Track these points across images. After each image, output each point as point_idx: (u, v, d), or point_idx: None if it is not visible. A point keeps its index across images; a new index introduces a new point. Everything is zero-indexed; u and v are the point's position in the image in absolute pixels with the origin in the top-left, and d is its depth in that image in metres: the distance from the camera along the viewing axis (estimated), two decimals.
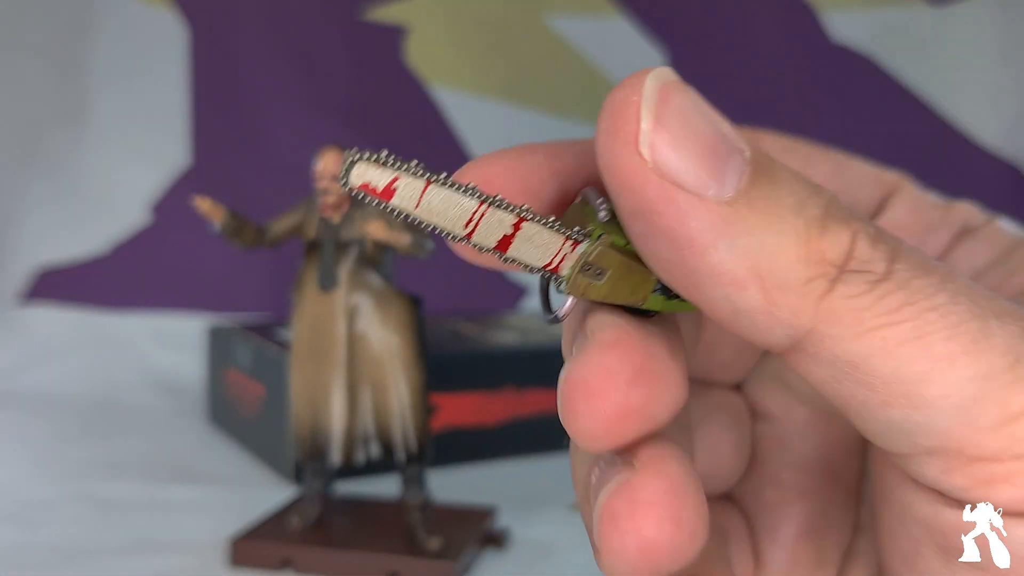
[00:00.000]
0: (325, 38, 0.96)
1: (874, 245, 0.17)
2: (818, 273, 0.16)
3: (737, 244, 0.16)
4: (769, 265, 0.16)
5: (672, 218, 0.16)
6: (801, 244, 0.16)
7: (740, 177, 0.17)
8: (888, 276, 0.16)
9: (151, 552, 0.50)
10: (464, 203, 0.18)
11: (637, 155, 0.16)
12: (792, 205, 0.17)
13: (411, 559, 0.47)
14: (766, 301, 0.16)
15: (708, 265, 0.16)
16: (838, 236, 0.17)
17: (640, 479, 0.17)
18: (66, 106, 0.92)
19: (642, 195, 0.17)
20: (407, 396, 0.49)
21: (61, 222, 0.91)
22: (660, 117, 0.17)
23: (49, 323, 0.89)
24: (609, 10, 0.99)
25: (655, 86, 0.17)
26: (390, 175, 0.17)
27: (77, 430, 0.71)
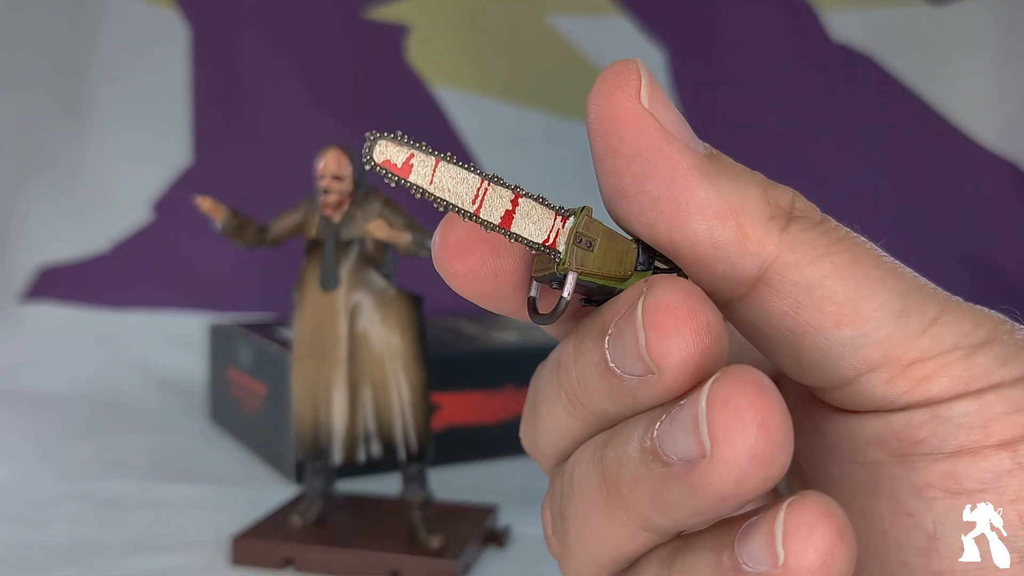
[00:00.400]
0: (326, 37, 0.96)
1: (807, 202, 0.21)
2: (777, 213, 0.20)
3: (718, 183, 0.20)
4: (742, 203, 0.20)
5: (669, 156, 0.20)
6: (762, 192, 0.20)
7: (707, 146, 0.20)
8: (823, 221, 0.20)
9: (152, 551, 0.50)
10: (469, 179, 0.20)
11: (639, 103, 0.20)
12: (746, 168, 0.21)
13: (412, 557, 0.47)
14: (740, 234, 0.19)
15: (696, 199, 0.19)
16: (783, 191, 0.20)
17: (741, 377, 0.18)
18: (68, 105, 0.92)
19: (645, 135, 0.19)
20: (408, 395, 0.49)
21: (63, 220, 0.91)
22: (652, 84, 0.20)
23: (50, 322, 0.89)
24: (610, 9, 0.99)
25: (641, 68, 0.20)
26: (407, 152, 0.19)
27: (78, 429, 0.71)
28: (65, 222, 0.92)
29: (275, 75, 0.95)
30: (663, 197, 0.20)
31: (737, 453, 0.17)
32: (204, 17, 0.94)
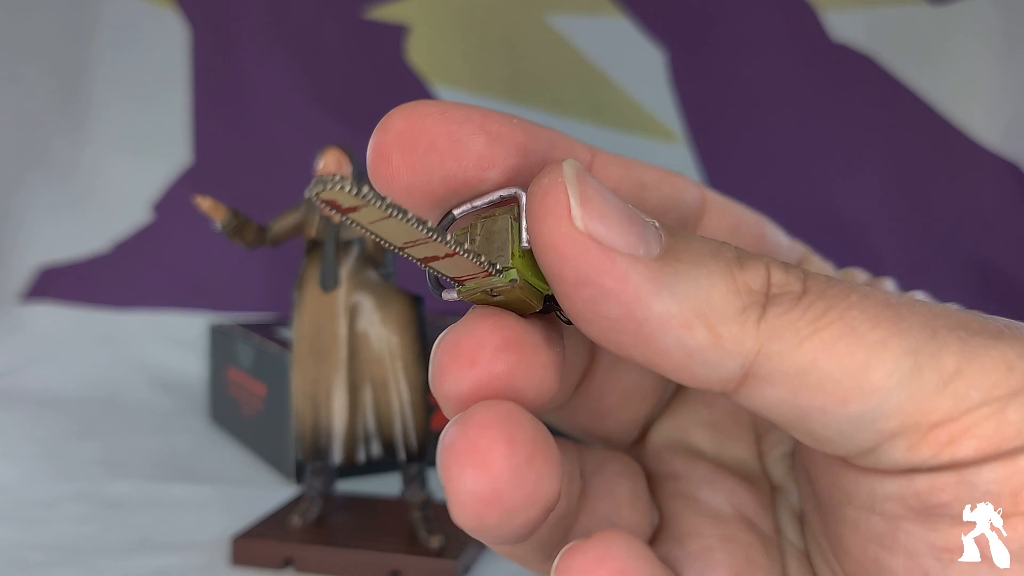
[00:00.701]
0: (326, 37, 0.96)
1: (785, 271, 0.19)
2: (750, 302, 0.18)
3: (677, 290, 0.18)
4: (708, 304, 0.18)
5: (616, 276, 0.18)
6: (728, 280, 0.18)
7: (660, 239, 0.19)
8: (806, 292, 0.18)
9: (152, 551, 0.50)
10: (413, 231, 0.19)
11: (573, 228, 0.18)
12: (709, 252, 0.19)
13: (412, 558, 0.47)
14: (713, 336, 0.18)
15: (656, 314, 0.18)
16: (755, 269, 0.19)
17: (468, 421, 0.19)
18: (67, 104, 0.92)
19: (585, 261, 0.18)
20: (408, 395, 0.49)
21: (62, 220, 0.91)
22: (584, 195, 0.18)
23: (50, 321, 0.89)
24: (610, 9, 0.99)
25: (573, 171, 0.19)
26: (357, 203, 0.18)
27: (78, 429, 0.71)
28: (64, 222, 0.91)
29: (275, 75, 0.95)
30: (621, 318, 0.18)
31: (461, 495, 0.18)
32: (204, 16, 0.94)
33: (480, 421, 0.18)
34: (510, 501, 0.18)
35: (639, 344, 0.18)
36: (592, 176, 0.19)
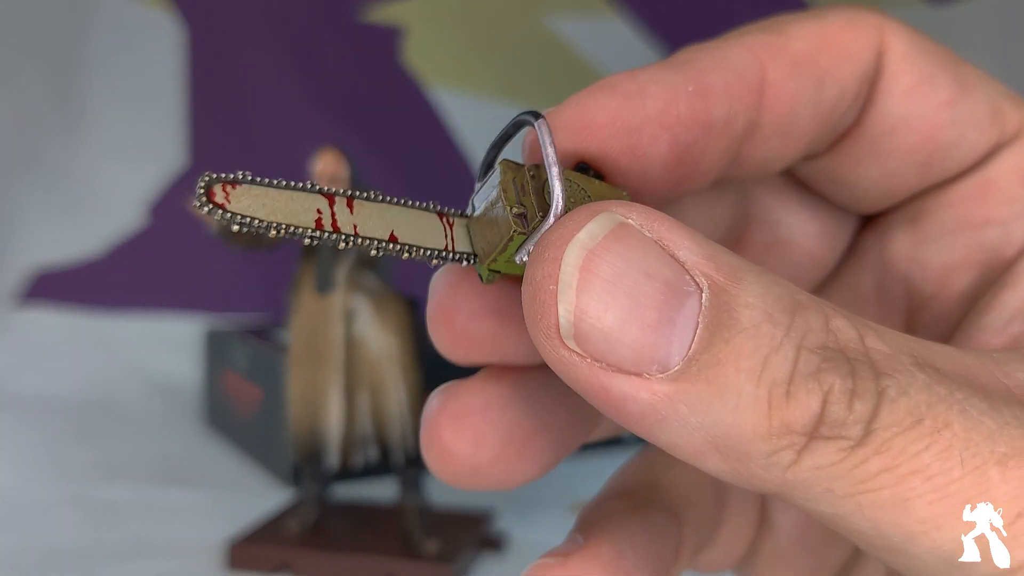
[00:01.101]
0: (323, 39, 0.96)
1: (851, 404, 0.15)
2: (782, 446, 0.15)
3: (688, 423, 0.15)
4: (727, 441, 0.15)
5: (613, 404, 0.15)
6: (761, 419, 0.15)
7: (690, 339, 0.15)
8: (864, 440, 0.15)
9: (148, 555, 0.49)
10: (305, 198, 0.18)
11: (561, 347, 0.15)
12: (750, 368, 0.15)
13: (409, 562, 0.47)
14: (730, 468, 0.15)
15: (661, 440, 0.15)
16: (806, 403, 0.15)
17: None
18: (63, 107, 0.92)
19: (577, 385, 0.15)
20: (405, 399, 0.49)
21: (58, 223, 0.91)
22: (582, 301, 0.15)
23: (45, 325, 0.88)
24: (607, 11, 0.99)
25: (577, 261, 0.15)
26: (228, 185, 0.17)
27: (73, 433, 0.71)
28: (59, 225, 0.91)
29: (270, 76, 0.95)
30: (637, 430, 0.16)
31: (432, 470, 0.19)
32: (200, 18, 0.94)
33: (453, 411, 0.18)
34: (475, 485, 0.18)
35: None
36: (621, 245, 0.15)
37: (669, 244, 0.15)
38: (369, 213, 0.18)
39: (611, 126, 0.18)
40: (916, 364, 0.15)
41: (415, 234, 0.18)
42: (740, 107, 0.19)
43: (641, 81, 0.18)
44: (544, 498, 0.60)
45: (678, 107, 0.18)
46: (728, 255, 0.16)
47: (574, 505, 0.58)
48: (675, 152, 0.18)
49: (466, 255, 0.18)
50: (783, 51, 0.20)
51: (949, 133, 0.21)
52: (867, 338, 0.15)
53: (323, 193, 0.18)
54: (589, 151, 0.18)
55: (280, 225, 0.17)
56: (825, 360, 0.15)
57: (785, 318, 0.15)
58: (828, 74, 0.20)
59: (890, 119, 0.21)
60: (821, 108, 0.20)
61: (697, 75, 0.19)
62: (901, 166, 0.21)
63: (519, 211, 0.17)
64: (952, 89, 0.21)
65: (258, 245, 0.50)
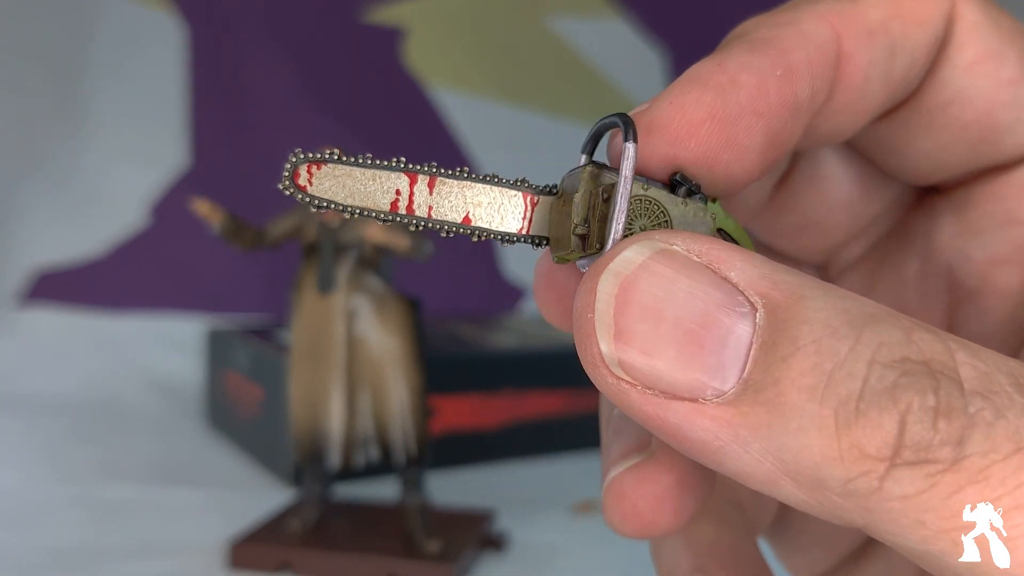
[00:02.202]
0: (324, 39, 0.96)
1: (935, 423, 0.13)
2: (859, 471, 0.13)
3: (753, 449, 0.14)
4: (796, 466, 0.14)
5: (672, 433, 0.15)
6: (829, 440, 0.13)
7: (744, 360, 0.14)
8: (957, 465, 0.13)
9: (149, 555, 0.50)
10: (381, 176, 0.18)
11: (609, 375, 0.15)
12: (812, 386, 0.14)
13: (410, 562, 0.47)
14: (809, 497, 0.14)
15: (730, 470, 0.15)
16: (880, 422, 0.13)
17: (652, 467, 0.18)
18: (64, 107, 0.92)
19: (633, 413, 0.15)
20: (406, 399, 0.49)
21: (60, 223, 0.91)
22: (622, 328, 0.15)
23: (47, 325, 0.88)
24: (608, 11, 0.99)
25: (611, 289, 0.15)
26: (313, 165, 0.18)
27: (75, 432, 0.71)
28: (62, 225, 0.91)
29: (273, 78, 0.95)
30: (703, 459, 0.15)
31: (616, 529, 0.18)
32: (202, 19, 0.94)
33: (654, 492, 0.18)
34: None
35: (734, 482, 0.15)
36: (658, 270, 0.15)
37: (720, 266, 0.15)
38: (449, 192, 0.18)
39: (709, 122, 0.18)
40: (1015, 385, 0.14)
41: (491, 215, 0.18)
42: (821, 84, 0.19)
43: (731, 71, 0.18)
44: (545, 498, 0.60)
45: (769, 93, 0.18)
46: (789, 273, 0.15)
47: (574, 505, 0.59)
48: (768, 138, 0.18)
49: (538, 239, 0.18)
50: (858, 19, 0.19)
51: (1007, 114, 0.20)
52: (958, 353, 0.14)
53: (407, 171, 0.18)
54: (687, 152, 0.18)
55: (355, 208, 0.18)
56: (904, 375, 0.14)
57: (852, 332, 0.14)
58: (900, 42, 0.19)
59: (949, 91, 0.20)
60: (892, 77, 0.20)
61: (781, 55, 0.18)
62: (954, 141, 0.21)
63: (582, 231, 0.17)
64: (1018, 67, 0.20)
65: (260, 245, 0.50)
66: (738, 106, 0.18)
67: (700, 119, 0.17)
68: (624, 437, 0.19)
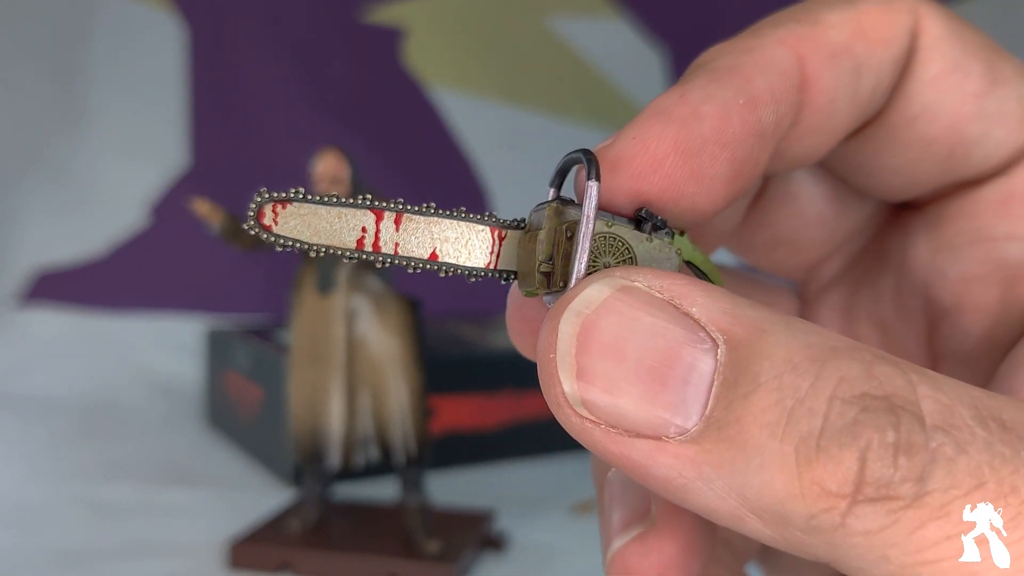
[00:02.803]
0: (324, 39, 0.96)
1: (896, 459, 0.13)
2: (821, 508, 0.14)
3: (715, 485, 0.14)
4: (759, 503, 0.14)
5: (636, 471, 0.15)
6: (790, 477, 0.14)
7: (706, 397, 0.14)
8: (918, 501, 0.13)
9: (149, 555, 0.50)
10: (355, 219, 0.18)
11: (573, 415, 0.15)
12: (773, 423, 0.14)
13: (410, 562, 0.47)
14: (774, 533, 0.14)
15: (695, 506, 0.15)
16: (840, 459, 0.13)
17: (655, 538, 0.18)
18: (64, 107, 0.92)
19: (597, 451, 0.15)
20: (406, 399, 0.49)
21: (59, 224, 0.91)
22: (584, 367, 0.15)
23: (47, 325, 0.88)
24: (608, 12, 0.99)
25: (573, 329, 0.15)
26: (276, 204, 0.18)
27: (75, 433, 0.71)
28: (61, 225, 0.91)
29: (273, 77, 0.95)
30: (668, 495, 0.15)
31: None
32: (202, 19, 0.94)
33: (659, 562, 0.18)
34: None
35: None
36: (620, 307, 0.15)
37: (682, 302, 0.15)
38: (415, 229, 0.18)
39: (673, 156, 0.18)
40: (977, 418, 0.14)
41: (458, 251, 0.18)
42: (785, 109, 0.19)
43: (693, 103, 0.18)
44: (544, 498, 0.60)
45: (732, 123, 0.18)
46: (751, 308, 0.15)
47: (574, 505, 0.59)
48: (734, 168, 0.18)
49: (505, 274, 0.18)
50: (820, 42, 0.19)
51: (975, 128, 0.20)
52: (920, 386, 0.14)
53: (374, 208, 0.18)
54: (651, 186, 0.18)
55: (321, 247, 0.17)
56: (864, 411, 0.14)
57: (813, 367, 0.14)
58: (864, 62, 0.19)
59: (915, 106, 0.20)
60: (859, 98, 0.20)
61: (743, 84, 0.18)
62: (922, 157, 0.21)
63: (546, 269, 0.17)
64: (983, 81, 0.20)
65: (260, 245, 0.50)
66: (701, 138, 0.18)
67: (664, 153, 0.17)
68: (623, 505, 0.19)
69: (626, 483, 0.19)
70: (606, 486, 0.20)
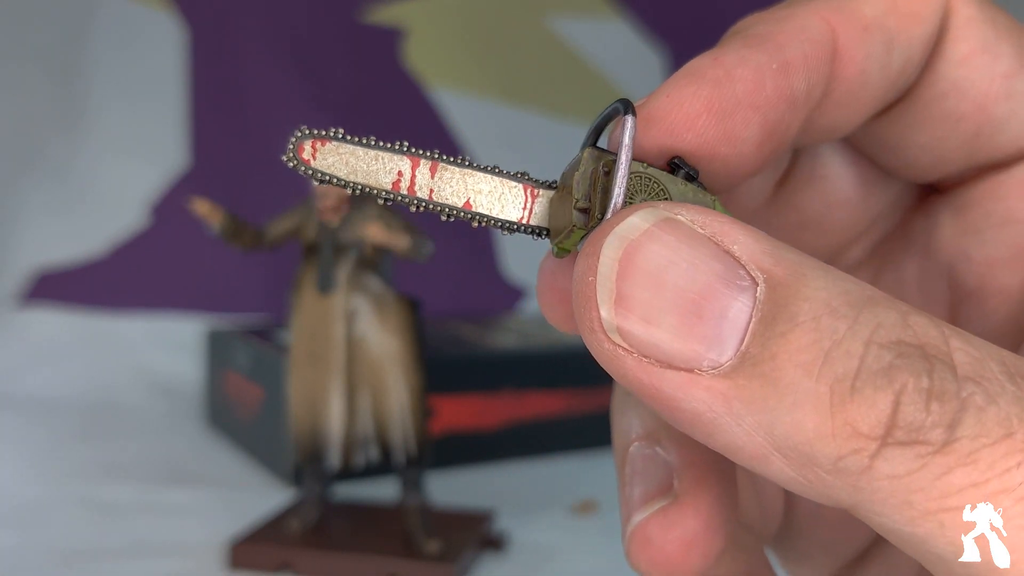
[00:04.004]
0: (324, 39, 0.96)
1: (928, 405, 0.13)
2: (851, 449, 0.14)
3: (746, 423, 0.14)
4: (787, 442, 0.14)
5: (665, 403, 0.15)
6: (823, 417, 0.14)
7: (742, 333, 0.14)
8: (947, 447, 0.13)
9: (149, 555, 0.50)
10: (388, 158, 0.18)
11: (606, 341, 0.15)
12: (809, 362, 0.14)
13: (410, 562, 0.47)
14: (798, 474, 0.14)
15: (720, 444, 0.15)
16: (874, 401, 0.13)
17: (677, 512, 0.18)
18: (64, 107, 0.92)
19: (627, 382, 0.15)
20: (406, 399, 0.49)
21: (60, 224, 0.91)
22: (623, 293, 0.15)
23: (47, 325, 0.88)
24: (608, 11, 0.99)
25: (615, 253, 0.15)
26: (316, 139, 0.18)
27: (75, 433, 0.71)
28: (61, 225, 0.91)
29: (272, 77, 0.95)
30: (694, 432, 0.15)
31: (643, 573, 0.18)
32: (202, 19, 0.94)
33: (680, 536, 0.18)
34: None
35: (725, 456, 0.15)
36: (663, 238, 0.15)
37: (723, 239, 0.15)
38: (450, 178, 0.18)
39: (706, 115, 0.18)
40: (1006, 373, 0.14)
41: (492, 204, 0.18)
42: (817, 78, 0.19)
43: (727, 65, 0.18)
44: (545, 498, 0.60)
45: (765, 87, 0.18)
46: (791, 252, 0.15)
47: (574, 505, 0.59)
48: (765, 131, 0.18)
49: (538, 230, 0.19)
50: (853, 15, 0.19)
51: (1003, 107, 0.20)
52: (952, 339, 0.14)
53: (410, 155, 0.18)
54: (684, 143, 0.18)
55: (357, 185, 0.18)
56: (899, 356, 0.14)
57: (851, 311, 0.14)
58: (896, 37, 0.20)
59: (944, 84, 0.20)
60: (889, 72, 0.20)
61: (777, 50, 0.18)
62: (950, 135, 0.21)
63: (583, 206, 0.18)
64: (1012, 62, 0.20)
65: (260, 245, 0.50)
66: (735, 99, 0.18)
67: (697, 112, 0.18)
68: (645, 479, 0.19)
69: (648, 458, 0.19)
70: (627, 460, 0.20)
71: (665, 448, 0.19)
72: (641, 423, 0.20)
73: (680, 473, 0.19)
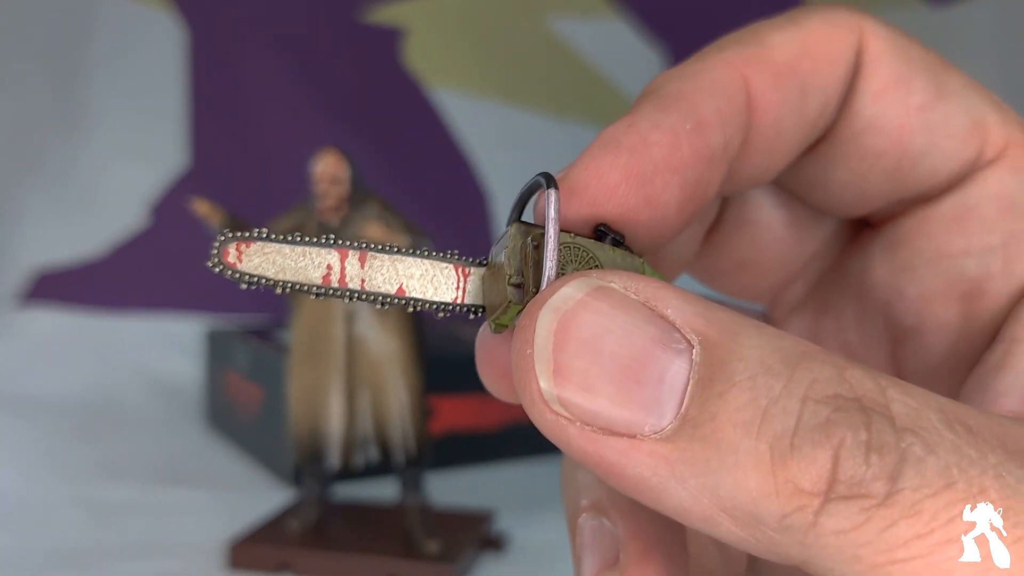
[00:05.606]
0: (324, 39, 0.96)
1: (868, 458, 0.14)
2: (795, 507, 0.14)
3: (690, 484, 0.14)
4: (733, 502, 0.14)
5: (610, 470, 0.15)
6: (765, 476, 0.14)
7: (681, 396, 0.14)
8: (889, 500, 0.13)
9: (149, 555, 0.49)
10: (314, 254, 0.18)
11: (547, 411, 0.15)
12: (747, 421, 0.14)
13: (409, 562, 0.47)
14: (747, 535, 0.14)
15: (668, 507, 0.15)
16: (813, 457, 0.14)
17: None
18: (65, 108, 0.92)
19: (571, 451, 0.15)
20: (406, 399, 0.49)
21: (59, 224, 0.91)
22: (561, 364, 0.15)
23: (47, 325, 0.88)
24: (608, 12, 0.99)
25: (550, 325, 0.15)
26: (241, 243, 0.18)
27: (75, 433, 0.71)
28: (61, 225, 0.91)
29: (272, 77, 0.95)
30: (641, 497, 0.15)
31: None
32: (201, 19, 0.94)
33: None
34: None
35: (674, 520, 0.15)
36: (597, 306, 0.15)
37: (656, 303, 0.15)
38: (380, 266, 0.18)
39: (625, 183, 0.18)
40: (944, 422, 0.14)
41: (424, 287, 0.18)
42: (733, 130, 0.19)
43: (642, 131, 0.18)
44: (545, 498, 0.60)
45: (681, 148, 0.18)
46: (724, 312, 0.15)
47: None
48: (685, 191, 0.18)
49: (473, 308, 0.19)
50: (764, 63, 0.19)
51: (919, 139, 0.20)
52: (889, 390, 0.14)
53: (337, 247, 0.18)
54: (607, 212, 0.18)
55: (287, 283, 0.18)
56: (836, 411, 0.14)
57: (786, 369, 0.14)
58: (810, 81, 0.20)
59: (861, 121, 0.20)
60: (806, 116, 0.20)
61: (690, 109, 0.18)
62: (871, 171, 0.21)
63: (516, 281, 0.18)
64: (927, 94, 0.20)
65: None
66: (652, 164, 0.18)
67: (616, 181, 0.18)
68: (593, 552, 0.19)
69: (595, 529, 0.19)
70: (576, 532, 0.20)
71: (611, 519, 0.19)
72: (588, 494, 0.20)
73: (625, 546, 0.19)
